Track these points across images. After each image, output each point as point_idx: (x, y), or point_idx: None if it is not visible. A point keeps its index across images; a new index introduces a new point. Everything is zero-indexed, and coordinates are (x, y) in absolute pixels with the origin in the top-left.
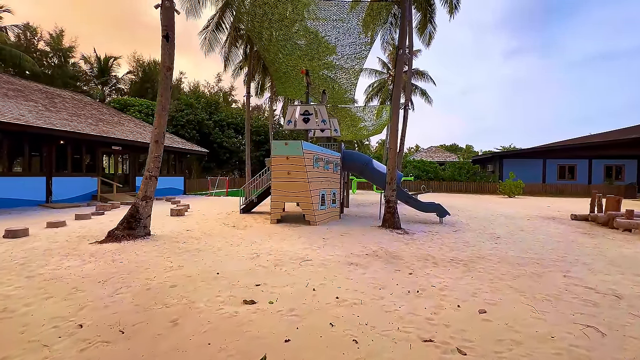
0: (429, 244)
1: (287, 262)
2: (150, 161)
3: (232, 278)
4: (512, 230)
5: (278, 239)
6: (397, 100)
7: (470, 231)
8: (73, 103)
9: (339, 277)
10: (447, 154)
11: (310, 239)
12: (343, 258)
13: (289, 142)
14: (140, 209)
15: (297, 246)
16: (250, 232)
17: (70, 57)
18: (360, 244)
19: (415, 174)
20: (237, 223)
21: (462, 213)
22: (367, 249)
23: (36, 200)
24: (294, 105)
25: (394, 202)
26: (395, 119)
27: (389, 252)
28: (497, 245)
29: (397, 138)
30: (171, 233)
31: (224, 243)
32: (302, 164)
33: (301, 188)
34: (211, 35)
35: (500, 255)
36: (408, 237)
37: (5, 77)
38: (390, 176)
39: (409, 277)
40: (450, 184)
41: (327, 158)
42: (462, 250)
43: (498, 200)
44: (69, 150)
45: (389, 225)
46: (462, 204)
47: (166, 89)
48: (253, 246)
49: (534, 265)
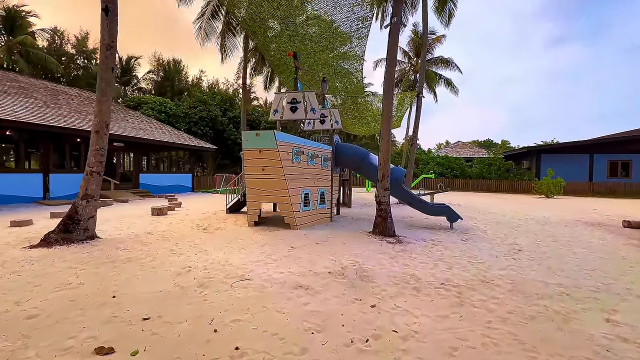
0: (421, 259)
1: (216, 283)
2: (91, 155)
3: (123, 305)
4: (541, 239)
5: (236, 247)
6: (391, 81)
7: (484, 240)
8: (79, 100)
9: (268, 309)
10: (475, 149)
11: (275, 247)
12: (295, 277)
13: (261, 133)
14: (79, 209)
15: (249, 258)
16: (213, 237)
17: (94, 59)
18: (332, 257)
19: (438, 171)
20: (212, 225)
21: (483, 216)
22: (336, 264)
23: (33, 197)
24: (280, 93)
25: (385, 204)
26: (387, 101)
27: (362, 269)
28: (514, 263)
29: (389, 125)
30: (125, 236)
31: (168, 251)
32: (277, 158)
33: (278, 186)
34: (207, 24)
35: (515, 279)
36: (399, 247)
37: (12, 75)
38: (382, 172)
39: (368, 313)
40: (478, 182)
41: (312, 151)
42: (463, 269)
43: (532, 201)
44: (67, 146)
45: (379, 231)
46: (486, 205)
47: (106, 71)
48: (196, 257)
49: (560, 299)
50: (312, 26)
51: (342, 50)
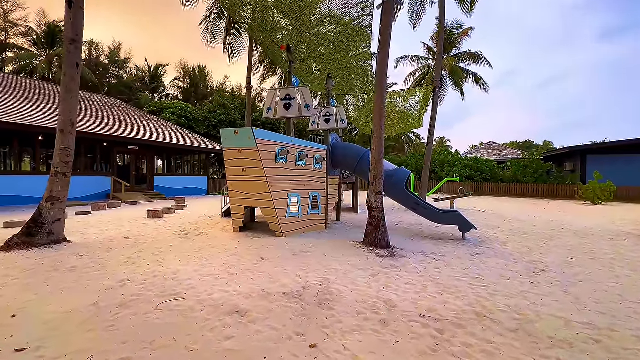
0: (409, 279)
1: (142, 302)
2: (56, 155)
3: (14, 327)
4: (575, 257)
5: (200, 256)
6: (383, 66)
7: (499, 256)
8: (99, 105)
9: (177, 343)
10: (509, 150)
11: (242, 259)
12: (237, 299)
13: (240, 130)
14: (43, 212)
15: (204, 270)
16: (184, 245)
17: (125, 68)
18: (300, 272)
19: (465, 174)
20: (197, 230)
21: (508, 226)
22: (300, 282)
23: None
24: (273, 89)
25: (377, 211)
26: (379, 90)
27: (327, 290)
28: (530, 288)
29: (382, 118)
30: (97, 241)
31: (124, 260)
32: (257, 158)
33: (260, 189)
34: (213, 24)
35: (524, 313)
36: (388, 262)
37: (38, 83)
38: (374, 173)
39: (301, 356)
40: (511, 187)
41: (301, 151)
42: (458, 294)
43: (574, 209)
44: (82, 149)
45: (370, 242)
46: (516, 212)
47: (71, 67)
48: (147, 267)
49: (587, 349)
50: (322, 25)
51: (356, 46)
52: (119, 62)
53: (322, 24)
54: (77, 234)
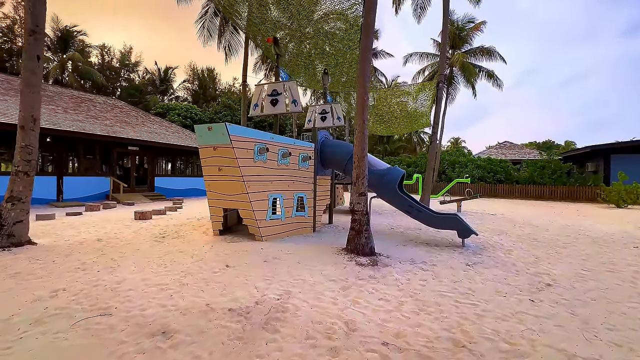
0: (385, 293)
1: (63, 318)
2: (17, 153)
3: None
4: (590, 268)
5: (161, 263)
6: (367, 54)
7: (499, 266)
8: (102, 107)
9: None
10: (526, 150)
11: (205, 266)
12: (172, 316)
13: (213, 126)
14: (4, 213)
15: (155, 280)
16: (153, 249)
17: (136, 71)
18: (262, 283)
19: (478, 175)
20: (176, 233)
21: (518, 231)
22: (255, 295)
23: (47, 198)
24: (260, 85)
25: (361, 214)
26: (361, 81)
27: (282, 307)
28: (529, 308)
29: (365, 112)
30: (66, 244)
31: (78, 265)
32: (233, 155)
33: (237, 190)
34: (210, 22)
35: (516, 342)
36: (368, 272)
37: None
38: (356, 172)
39: None
40: (527, 189)
41: (284, 149)
42: (438, 315)
43: (596, 212)
44: (81, 150)
45: (352, 248)
46: (530, 215)
47: (31, 59)
48: (97, 275)
49: None
50: (323, 20)
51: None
52: (130, 65)
53: (323, 19)
54: (52, 236)
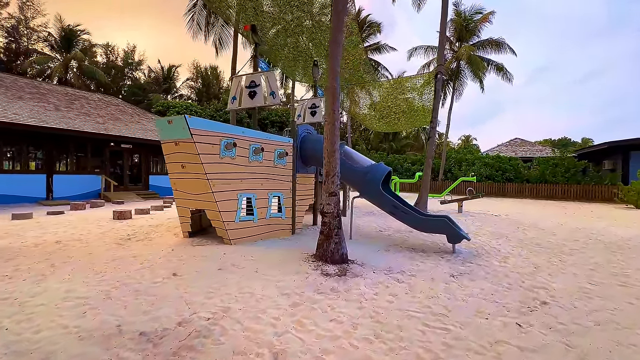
0: (341, 312)
1: None
2: None
3: None
4: (598, 281)
5: (101, 270)
6: (338, 36)
7: (489, 279)
8: (97, 104)
9: None
10: (537, 147)
11: (151, 273)
12: (68, 340)
13: (174, 119)
14: None
15: (80, 290)
16: (110, 253)
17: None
18: (202, 296)
19: (486, 174)
20: (145, 235)
21: (520, 234)
22: (183, 313)
23: (36, 197)
24: (238, 76)
25: (331, 216)
26: (332, 64)
27: (209, 331)
28: (515, 336)
29: (336, 101)
30: (18, 247)
31: (7, 274)
32: (195, 151)
33: (201, 188)
34: (199, 15)
35: None
36: (330, 284)
37: (36, 83)
38: (327, 169)
39: None
40: (538, 188)
41: (256, 144)
42: (392, 347)
43: (612, 213)
44: (72, 148)
45: (320, 255)
46: (537, 217)
47: None
48: (10, 286)
49: None
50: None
51: None
52: (133, 64)
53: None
54: (13, 237)
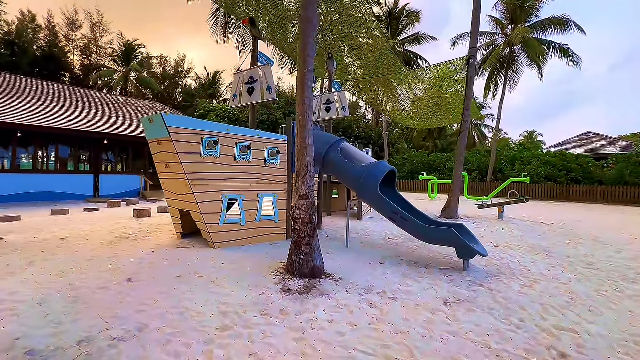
0: (269, 344)
1: None
2: None
3: None
4: None
5: (67, 270)
6: (311, 8)
7: (494, 311)
8: (142, 111)
9: None
10: (615, 142)
11: (106, 277)
12: None
13: (154, 118)
14: None
15: (19, 294)
16: (96, 251)
17: (188, 77)
18: (132, 310)
19: (544, 174)
20: (149, 233)
21: (569, 249)
22: (94, 330)
23: (85, 194)
24: (240, 72)
25: (302, 223)
26: (304, 42)
27: (98, 356)
28: None
29: (306, 90)
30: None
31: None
32: (173, 150)
33: (183, 189)
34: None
35: None
36: (282, 304)
37: (91, 92)
38: (297, 168)
39: None
40: (614, 191)
41: (243, 142)
42: None
43: None
44: (116, 150)
45: (288, 267)
46: (604, 227)
47: None
48: None
49: None
50: None
51: None
52: (183, 72)
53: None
54: (32, 232)
